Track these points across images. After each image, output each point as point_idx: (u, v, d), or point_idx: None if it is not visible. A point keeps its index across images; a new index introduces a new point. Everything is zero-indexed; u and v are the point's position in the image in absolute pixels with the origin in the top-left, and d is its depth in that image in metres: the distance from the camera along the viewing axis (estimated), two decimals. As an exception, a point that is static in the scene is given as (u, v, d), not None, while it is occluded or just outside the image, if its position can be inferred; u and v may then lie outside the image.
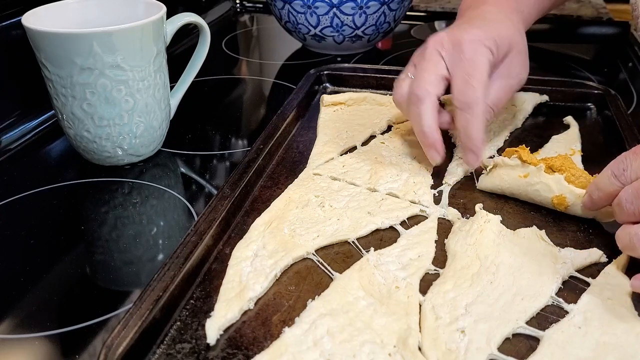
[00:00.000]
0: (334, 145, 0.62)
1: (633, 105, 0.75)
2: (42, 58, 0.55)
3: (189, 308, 0.41)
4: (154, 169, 0.62)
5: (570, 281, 0.44)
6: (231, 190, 0.51)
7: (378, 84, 0.76)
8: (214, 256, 0.46)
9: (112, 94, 0.56)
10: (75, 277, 0.47)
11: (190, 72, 0.67)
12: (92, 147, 0.59)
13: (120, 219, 0.53)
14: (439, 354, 0.37)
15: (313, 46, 0.95)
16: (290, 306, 0.41)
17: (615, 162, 0.45)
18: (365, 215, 0.50)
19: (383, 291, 0.42)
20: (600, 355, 0.37)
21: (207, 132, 0.70)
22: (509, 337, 0.39)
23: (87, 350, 0.40)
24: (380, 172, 0.56)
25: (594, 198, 0.47)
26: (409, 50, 0.97)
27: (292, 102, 0.68)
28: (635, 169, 0.43)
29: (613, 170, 0.45)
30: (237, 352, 0.38)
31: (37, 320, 0.42)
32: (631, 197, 0.43)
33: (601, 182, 0.46)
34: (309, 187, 0.54)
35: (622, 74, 0.87)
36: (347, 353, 0.37)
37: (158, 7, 0.59)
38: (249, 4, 1.23)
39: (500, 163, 0.53)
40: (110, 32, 0.53)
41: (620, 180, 0.44)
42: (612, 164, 0.46)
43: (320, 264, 0.45)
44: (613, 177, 0.45)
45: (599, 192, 0.47)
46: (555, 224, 0.50)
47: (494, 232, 0.47)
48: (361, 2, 0.84)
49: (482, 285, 0.42)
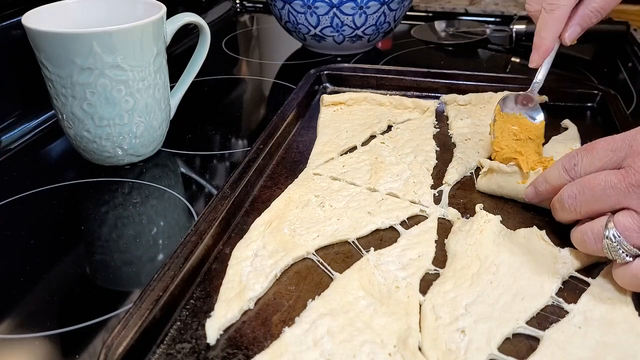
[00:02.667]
0: (334, 145, 0.62)
1: (633, 105, 0.75)
2: (42, 58, 0.55)
3: (189, 308, 0.41)
4: (154, 169, 0.62)
5: (570, 281, 0.44)
6: (231, 190, 0.51)
7: (378, 84, 0.76)
8: (214, 256, 0.46)
9: (112, 94, 0.56)
10: (75, 277, 0.47)
11: (190, 72, 0.67)
12: (92, 147, 0.59)
13: (120, 219, 0.53)
14: (439, 354, 0.37)
15: (313, 46, 0.95)
16: (290, 306, 0.41)
17: (567, 157, 0.45)
18: (365, 215, 0.50)
19: (383, 291, 0.42)
20: (600, 355, 0.37)
21: (207, 132, 0.70)
22: (509, 337, 0.39)
23: (87, 350, 0.40)
24: (380, 172, 0.56)
25: (540, 189, 0.48)
26: (409, 50, 0.98)
27: (292, 102, 0.68)
28: (586, 165, 0.43)
29: (564, 164, 0.45)
30: (237, 352, 0.38)
31: (37, 320, 0.42)
32: (575, 192, 0.43)
33: (550, 174, 0.46)
34: (309, 187, 0.54)
35: (622, 74, 0.87)
36: (347, 353, 0.37)
37: (158, 7, 0.59)
38: (249, 4, 1.23)
39: (495, 169, 0.53)
40: (110, 32, 0.53)
41: (570, 174, 0.45)
42: (564, 158, 0.46)
43: (320, 264, 0.46)
44: (563, 171, 0.45)
45: (546, 185, 0.47)
46: (555, 224, 0.50)
47: (494, 232, 0.47)
48: (361, 2, 0.84)
49: (482, 285, 0.42)
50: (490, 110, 0.69)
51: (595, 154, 0.43)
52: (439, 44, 1.01)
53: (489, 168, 0.53)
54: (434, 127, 0.67)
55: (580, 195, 0.43)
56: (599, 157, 0.43)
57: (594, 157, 0.43)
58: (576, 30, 0.56)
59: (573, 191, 0.43)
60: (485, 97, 0.71)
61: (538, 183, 0.48)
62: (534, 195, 0.49)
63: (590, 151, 0.44)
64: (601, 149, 0.43)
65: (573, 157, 0.45)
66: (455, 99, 0.71)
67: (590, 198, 0.42)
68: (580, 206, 0.43)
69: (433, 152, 0.61)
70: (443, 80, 0.75)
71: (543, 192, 0.48)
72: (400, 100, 0.71)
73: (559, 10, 0.54)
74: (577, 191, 0.43)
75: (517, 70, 0.90)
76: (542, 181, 0.48)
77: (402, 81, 0.76)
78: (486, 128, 0.65)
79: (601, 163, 0.42)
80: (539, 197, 0.49)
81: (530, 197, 0.49)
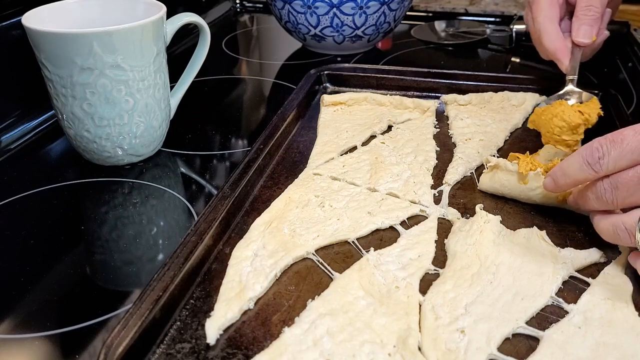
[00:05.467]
0: (334, 145, 0.62)
1: (633, 105, 0.75)
2: (42, 58, 0.55)
3: (189, 308, 0.41)
4: (154, 169, 0.62)
5: (570, 281, 0.44)
6: (231, 190, 0.51)
7: (378, 84, 0.76)
8: (214, 256, 0.46)
9: (112, 94, 0.56)
10: (75, 277, 0.47)
11: (190, 72, 0.67)
12: (92, 147, 0.59)
13: (120, 219, 0.53)
14: (438, 354, 0.37)
15: (313, 46, 0.95)
16: (290, 306, 0.41)
17: (588, 149, 0.42)
18: (365, 215, 0.50)
19: (383, 291, 0.42)
20: (600, 355, 0.37)
21: (207, 132, 0.70)
22: (508, 337, 0.39)
23: (87, 350, 0.40)
24: (380, 172, 0.56)
25: (560, 183, 0.45)
26: (409, 50, 0.98)
27: (292, 102, 0.68)
28: (615, 158, 0.41)
29: (586, 157, 0.43)
30: (237, 352, 0.38)
31: (37, 320, 0.42)
32: (610, 188, 0.42)
33: (570, 167, 0.44)
34: (309, 187, 0.54)
35: (622, 74, 0.87)
36: (346, 353, 0.37)
37: (158, 7, 0.59)
38: (249, 4, 1.23)
39: (501, 165, 0.53)
40: (110, 32, 0.53)
41: (594, 168, 0.42)
42: (583, 151, 0.43)
43: (320, 264, 0.46)
44: (585, 165, 0.43)
45: (566, 178, 0.45)
46: (555, 224, 0.50)
47: (493, 233, 0.47)
48: (361, 2, 0.84)
49: (482, 285, 0.42)
50: (490, 110, 0.69)
51: (627, 146, 0.40)
52: (439, 44, 1.01)
53: (494, 164, 0.53)
54: (434, 127, 0.67)
55: (616, 191, 0.41)
56: (631, 150, 0.40)
57: (624, 149, 0.40)
58: (583, 28, 0.56)
59: (609, 187, 0.42)
60: (485, 97, 0.71)
61: (557, 176, 0.46)
62: (553, 187, 0.47)
63: (619, 143, 0.41)
64: (633, 141, 0.40)
65: (597, 150, 0.42)
66: (456, 99, 0.71)
67: (626, 194, 0.41)
68: (616, 200, 0.42)
69: (433, 152, 0.61)
70: (443, 80, 0.75)
71: (563, 186, 0.46)
72: (400, 100, 0.71)
73: (544, 12, 0.55)
74: (612, 187, 0.41)
75: (517, 70, 0.90)
76: (560, 174, 0.45)
77: (402, 81, 0.76)
78: (486, 128, 0.65)
79: (634, 156, 0.40)
80: (558, 189, 0.47)
81: (550, 188, 0.47)
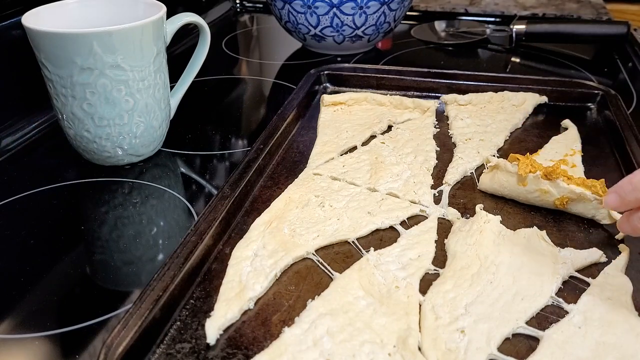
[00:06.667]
0: (334, 145, 0.62)
1: (633, 105, 0.75)
2: (42, 58, 0.55)
3: (189, 308, 0.41)
4: (154, 169, 0.62)
5: (570, 281, 0.44)
6: (231, 190, 0.51)
7: (378, 84, 0.76)
8: (214, 256, 0.46)
9: (112, 94, 0.56)
10: (75, 277, 0.47)
11: (190, 72, 0.67)
12: (92, 147, 0.59)
13: (120, 219, 0.53)
14: (438, 354, 0.37)
15: (313, 46, 0.95)
16: (290, 306, 0.41)
17: None
18: (365, 215, 0.50)
19: (383, 291, 0.42)
20: (600, 355, 0.37)
21: (207, 132, 0.70)
22: (508, 337, 0.39)
23: (87, 350, 0.40)
24: (380, 172, 0.56)
25: (629, 199, 0.42)
26: (409, 50, 0.98)
27: (292, 102, 0.68)
28: None
29: None
30: (237, 351, 0.38)
31: (37, 320, 0.42)
32: None
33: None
34: (309, 187, 0.54)
35: (622, 74, 0.87)
36: (346, 353, 0.37)
37: (158, 7, 0.59)
38: (249, 4, 1.23)
39: (502, 166, 0.53)
40: (111, 32, 0.53)
41: None
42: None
43: (320, 264, 0.46)
44: None
45: (637, 193, 0.42)
46: (556, 224, 0.50)
47: (493, 233, 0.47)
48: (361, 2, 0.84)
49: (482, 285, 0.42)
50: (490, 110, 0.69)
51: None
52: (439, 44, 1.01)
53: (495, 164, 0.53)
54: (434, 127, 0.67)
55: None
56: None
57: None
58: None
59: None
60: (485, 97, 0.71)
61: (626, 192, 0.42)
62: (618, 204, 0.43)
63: None
64: None
65: None
66: (456, 99, 0.71)
67: None
68: None
69: (433, 152, 0.61)
70: (443, 80, 0.75)
71: (632, 202, 0.42)
72: (400, 100, 0.71)
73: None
74: None
75: (517, 70, 0.90)
76: (630, 189, 0.42)
77: (402, 81, 0.76)
78: (486, 128, 0.65)
79: None
80: (623, 206, 0.43)
81: (613, 206, 0.44)
